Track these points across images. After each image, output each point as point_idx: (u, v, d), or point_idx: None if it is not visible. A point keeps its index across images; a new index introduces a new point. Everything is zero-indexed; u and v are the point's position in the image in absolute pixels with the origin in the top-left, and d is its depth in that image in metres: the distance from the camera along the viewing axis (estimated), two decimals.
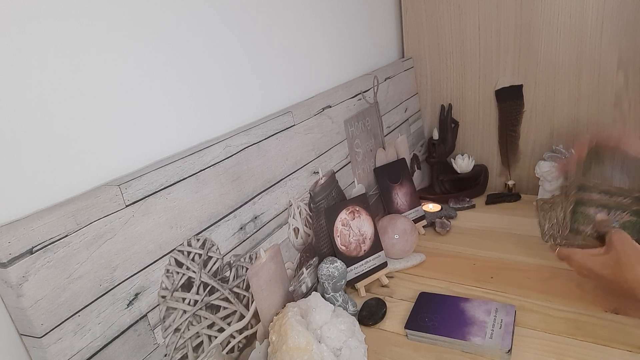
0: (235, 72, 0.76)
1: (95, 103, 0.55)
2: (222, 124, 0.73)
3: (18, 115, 0.47)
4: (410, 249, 0.98)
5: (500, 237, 1.04)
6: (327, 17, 0.99)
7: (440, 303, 0.82)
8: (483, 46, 1.18)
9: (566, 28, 1.07)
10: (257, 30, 0.80)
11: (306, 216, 0.85)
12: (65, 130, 0.52)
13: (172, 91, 0.65)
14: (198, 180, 0.63)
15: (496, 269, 0.92)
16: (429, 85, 1.30)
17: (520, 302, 0.81)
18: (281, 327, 0.68)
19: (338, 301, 0.81)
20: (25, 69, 0.48)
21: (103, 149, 0.56)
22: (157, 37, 0.62)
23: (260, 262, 0.73)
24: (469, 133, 1.29)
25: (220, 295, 0.66)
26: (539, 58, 1.13)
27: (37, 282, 0.45)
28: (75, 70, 0.52)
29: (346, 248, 0.89)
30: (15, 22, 0.47)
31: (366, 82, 1.06)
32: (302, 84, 0.92)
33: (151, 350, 0.56)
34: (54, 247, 0.46)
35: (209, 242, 0.64)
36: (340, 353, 0.68)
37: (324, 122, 0.91)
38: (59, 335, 0.47)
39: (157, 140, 0.63)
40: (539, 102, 1.16)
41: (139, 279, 0.55)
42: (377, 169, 1.08)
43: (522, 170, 1.24)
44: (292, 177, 0.81)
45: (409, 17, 1.26)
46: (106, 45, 0.55)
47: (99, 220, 0.50)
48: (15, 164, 0.47)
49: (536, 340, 0.73)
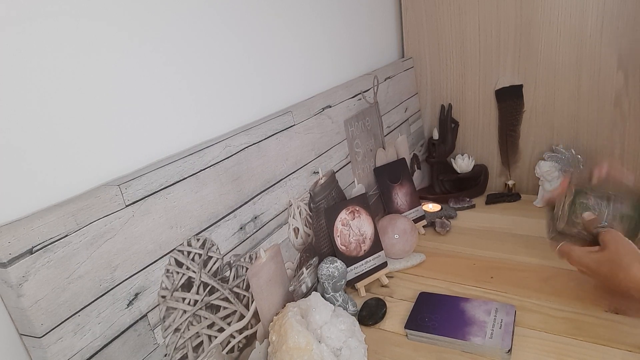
0: (235, 72, 0.76)
1: (95, 103, 0.55)
2: (222, 124, 0.73)
3: (18, 115, 0.47)
4: (410, 249, 0.98)
5: (500, 237, 1.04)
6: (327, 17, 0.99)
7: (440, 303, 0.82)
8: (483, 46, 1.18)
9: (566, 28, 1.07)
10: (257, 30, 0.80)
11: (306, 216, 0.85)
12: (65, 130, 0.52)
13: (172, 91, 0.65)
14: (198, 180, 0.63)
15: (496, 269, 0.92)
16: (429, 85, 1.30)
17: (520, 302, 0.81)
18: (281, 327, 0.68)
19: (338, 301, 0.81)
20: (25, 69, 0.48)
21: (103, 149, 0.56)
22: (157, 37, 0.62)
23: (260, 262, 0.73)
24: (469, 133, 1.29)
25: (220, 295, 0.66)
26: (539, 58, 1.13)
27: (37, 282, 0.45)
28: (75, 70, 0.52)
29: (346, 248, 0.89)
30: (15, 22, 0.47)
31: (366, 82, 1.06)
32: (302, 84, 0.92)
33: (151, 350, 0.56)
34: (54, 247, 0.46)
35: (209, 242, 0.64)
36: (340, 353, 0.68)
37: (324, 122, 0.91)
38: (59, 335, 0.47)
39: (157, 140, 0.63)
40: (539, 102, 1.16)
41: (139, 279, 0.55)
42: (377, 169, 1.08)
43: (522, 170, 1.24)
44: (292, 177, 0.81)
45: (409, 17, 1.26)
46: (106, 45, 0.55)
47: (99, 220, 0.50)
48: (15, 164, 0.47)
49: (536, 340, 0.73)
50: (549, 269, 0.89)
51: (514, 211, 1.15)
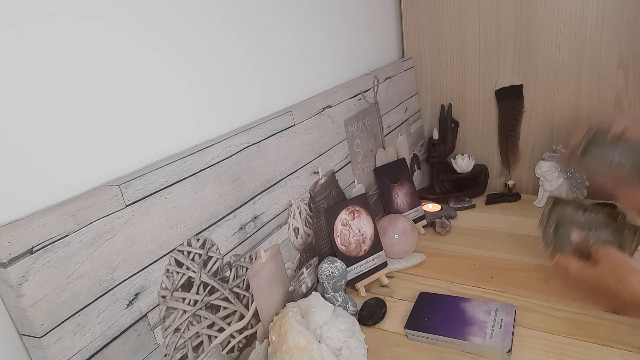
0: (235, 72, 0.76)
1: (95, 103, 0.55)
2: (222, 124, 0.73)
3: (18, 115, 0.47)
4: (410, 249, 0.98)
5: (500, 237, 1.04)
6: (327, 17, 0.99)
7: (440, 303, 0.82)
8: (483, 46, 1.18)
9: (566, 28, 1.07)
10: (257, 30, 0.80)
11: (306, 216, 0.85)
12: (65, 130, 0.52)
13: (172, 91, 0.65)
14: (198, 180, 0.63)
15: (496, 269, 0.92)
16: (429, 85, 1.30)
17: (520, 302, 0.81)
18: (281, 327, 0.68)
19: (338, 301, 0.81)
20: (25, 69, 0.48)
21: (103, 149, 0.56)
22: (157, 37, 0.62)
23: (260, 262, 0.73)
24: (469, 133, 1.29)
25: (220, 295, 0.66)
26: (539, 58, 1.13)
27: (37, 282, 0.45)
28: (75, 70, 0.52)
29: (346, 248, 0.89)
30: (15, 22, 0.47)
31: (366, 82, 1.06)
32: (302, 84, 0.92)
33: (151, 350, 0.56)
34: (54, 247, 0.46)
35: (209, 242, 0.64)
36: (340, 353, 0.68)
37: (324, 122, 0.91)
38: (59, 335, 0.47)
39: (157, 140, 0.63)
40: (539, 102, 1.16)
41: (139, 279, 0.55)
42: (377, 169, 1.08)
43: (522, 170, 1.24)
44: (292, 177, 0.81)
45: (409, 17, 1.26)
46: (106, 45, 0.55)
47: (99, 220, 0.50)
48: (15, 164, 0.47)
49: (536, 340, 0.73)
50: (549, 269, 0.89)
51: (514, 211, 1.15)
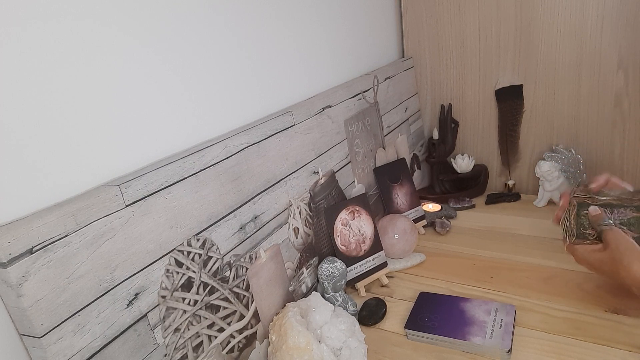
0: (235, 72, 0.76)
1: (95, 103, 0.55)
2: (222, 124, 0.73)
3: (18, 115, 0.47)
4: (410, 249, 0.98)
5: (500, 237, 1.04)
6: (327, 17, 0.99)
7: (440, 303, 0.82)
8: (483, 46, 1.18)
9: (566, 28, 1.07)
10: (257, 30, 0.80)
11: (306, 216, 0.85)
12: (65, 130, 0.52)
13: (172, 91, 0.65)
14: (198, 180, 0.63)
15: (496, 269, 0.92)
16: (429, 85, 1.30)
17: (520, 302, 0.81)
18: (281, 327, 0.68)
19: (338, 301, 0.81)
20: (25, 70, 0.48)
21: (103, 149, 0.56)
22: (157, 37, 0.62)
23: (260, 262, 0.73)
24: (469, 133, 1.29)
25: (220, 295, 0.66)
26: (539, 58, 1.13)
27: (37, 282, 0.45)
28: (75, 70, 0.52)
29: (346, 248, 0.89)
30: (15, 23, 0.47)
31: (366, 82, 1.06)
32: (302, 84, 0.92)
33: (151, 350, 0.56)
34: (53, 247, 0.46)
35: (209, 242, 0.64)
36: (340, 353, 0.68)
37: (324, 122, 0.91)
38: (59, 335, 0.47)
39: (157, 140, 0.63)
40: (539, 102, 1.16)
41: (139, 279, 0.55)
42: (377, 168, 1.08)
43: (522, 170, 1.24)
44: (292, 177, 0.81)
45: (409, 17, 1.26)
46: (106, 45, 0.55)
47: (99, 220, 0.50)
48: (16, 164, 0.47)
49: (536, 340, 0.73)
50: (549, 269, 0.89)
51: (514, 211, 1.15)
